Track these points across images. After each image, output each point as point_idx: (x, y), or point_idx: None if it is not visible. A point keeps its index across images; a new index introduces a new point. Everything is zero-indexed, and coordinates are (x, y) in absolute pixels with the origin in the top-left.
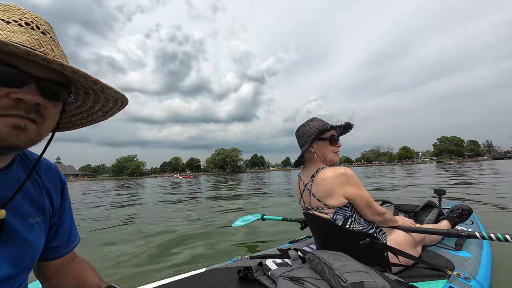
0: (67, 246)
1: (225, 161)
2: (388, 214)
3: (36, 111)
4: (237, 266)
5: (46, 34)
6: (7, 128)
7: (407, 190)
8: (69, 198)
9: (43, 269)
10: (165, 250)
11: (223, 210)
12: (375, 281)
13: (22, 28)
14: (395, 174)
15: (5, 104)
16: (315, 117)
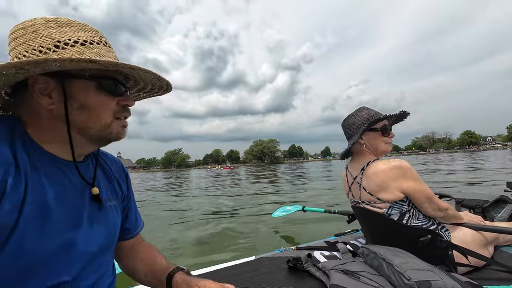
0: (136, 228)
1: (263, 152)
2: (451, 210)
3: (130, 111)
4: (285, 256)
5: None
6: (120, 127)
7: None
8: (131, 186)
9: (119, 249)
10: (211, 239)
11: (263, 200)
12: (443, 281)
13: (106, 47)
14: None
15: (118, 110)
16: (364, 106)
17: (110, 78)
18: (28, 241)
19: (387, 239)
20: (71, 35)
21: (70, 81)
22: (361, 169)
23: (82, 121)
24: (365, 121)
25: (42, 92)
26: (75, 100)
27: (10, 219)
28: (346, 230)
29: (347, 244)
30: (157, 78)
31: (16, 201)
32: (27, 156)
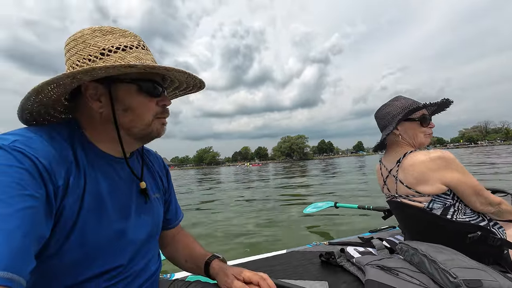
0: (176, 219)
1: (291, 148)
2: (505, 205)
3: (168, 111)
4: (317, 250)
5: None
6: (160, 126)
7: None
8: (172, 182)
9: (162, 238)
10: (243, 232)
11: (293, 196)
12: (497, 282)
13: (144, 50)
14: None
15: (158, 110)
16: (399, 95)
17: (149, 80)
18: (89, 230)
19: (428, 236)
20: (114, 42)
21: (116, 86)
22: (396, 161)
23: (128, 121)
24: (401, 110)
25: (93, 97)
26: (120, 103)
27: (74, 210)
28: (382, 226)
29: (383, 240)
30: (191, 77)
31: (78, 194)
32: (84, 154)
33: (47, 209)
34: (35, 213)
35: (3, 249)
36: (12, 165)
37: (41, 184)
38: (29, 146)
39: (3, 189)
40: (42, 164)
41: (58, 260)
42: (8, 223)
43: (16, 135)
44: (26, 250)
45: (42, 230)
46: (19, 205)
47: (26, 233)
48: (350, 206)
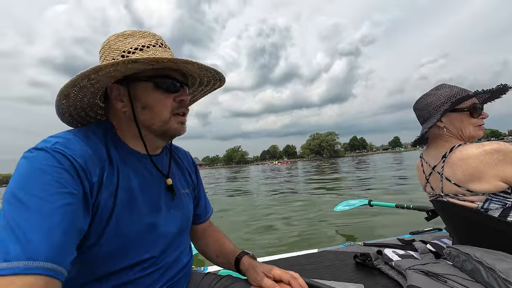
0: (206, 214)
1: (321, 146)
2: None
3: (187, 106)
4: (351, 251)
5: (170, 49)
6: (178, 124)
7: None
8: (201, 177)
9: (194, 232)
10: (271, 230)
11: (323, 193)
12: None
13: (162, 48)
14: None
15: (175, 106)
16: (443, 83)
17: (165, 77)
18: (122, 223)
19: (483, 241)
20: (133, 44)
21: (134, 85)
22: (442, 157)
23: (147, 119)
24: (446, 100)
25: (116, 98)
26: (138, 101)
27: (108, 205)
28: (425, 228)
29: (426, 243)
30: (202, 68)
31: (112, 189)
32: (117, 152)
33: (85, 205)
34: (74, 209)
35: (45, 243)
36: (53, 165)
37: (78, 181)
38: (67, 147)
39: (44, 187)
40: (79, 163)
41: (97, 251)
42: (49, 219)
43: (57, 137)
44: (66, 243)
45: (81, 224)
46: (59, 202)
47: (66, 227)
48: (387, 205)
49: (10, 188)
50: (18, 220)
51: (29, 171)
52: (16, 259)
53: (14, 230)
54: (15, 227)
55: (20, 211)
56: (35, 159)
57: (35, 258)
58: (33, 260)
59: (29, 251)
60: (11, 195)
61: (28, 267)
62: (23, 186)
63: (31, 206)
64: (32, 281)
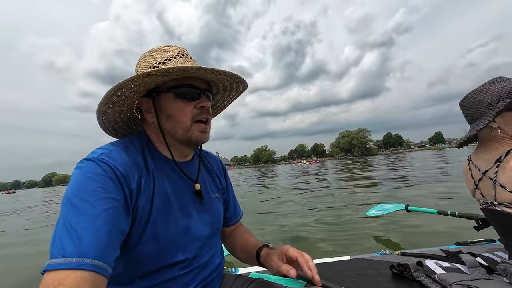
0: (235, 217)
1: (352, 143)
2: None
3: (208, 112)
4: (386, 260)
5: (192, 59)
6: (199, 132)
7: None
8: (230, 181)
9: (223, 233)
10: (300, 233)
11: (355, 196)
12: None
13: (182, 58)
14: None
15: (196, 113)
16: (500, 76)
17: (184, 86)
18: (159, 226)
19: None
20: (157, 59)
21: (158, 97)
22: (495, 161)
23: (170, 128)
24: (501, 97)
25: (146, 110)
26: (163, 112)
27: (146, 209)
28: (474, 239)
29: (476, 256)
30: (218, 73)
31: (148, 195)
32: (152, 160)
33: (126, 209)
34: (116, 212)
35: (92, 242)
36: (99, 173)
37: (120, 188)
38: (110, 157)
39: (92, 193)
40: (120, 171)
41: (139, 251)
42: (96, 221)
43: (103, 149)
44: (110, 243)
45: (123, 226)
46: (104, 206)
47: (110, 228)
48: (427, 211)
49: (67, 194)
50: (71, 221)
51: (80, 179)
52: (71, 256)
53: (69, 230)
54: (70, 228)
55: (73, 214)
56: (85, 168)
57: (85, 255)
58: (83, 257)
59: (80, 249)
60: (67, 200)
61: (80, 263)
62: (76, 192)
63: (82, 209)
64: (83, 275)
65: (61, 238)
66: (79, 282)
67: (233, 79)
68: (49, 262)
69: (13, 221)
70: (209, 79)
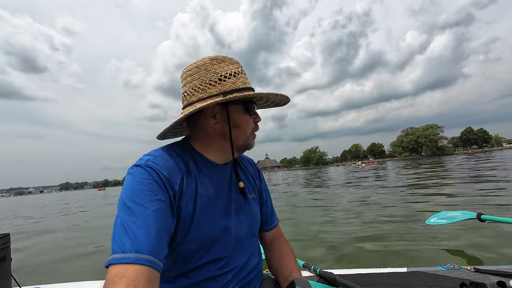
0: (272, 221)
1: (418, 142)
2: None
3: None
4: (454, 276)
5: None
6: (253, 140)
7: None
8: (265, 183)
9: (262, 238)
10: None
11: (418, 201)
12: None
13: (245, 75)
14: None
15: (253, 126)
16: None
17: (250, 101)
18: (202, 225)
19: None
20: (226, 69)
21: (230, 106)
22: None
23: (235, 135)
24: None
25: (210, 115)
26: (232, 120)
27: (190, 209)
28: None
29: None
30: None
31: (191, 196)
32: (194, 163)
33: (171, 209)
34: (164, 213)
35: (146, 239)
36: (147, 177)
37: (165, 190)
38: (156, 163)
39: (142, 196)
40: (164, 175)
41: (184, 248)
42: (148, 221)
43: (149, 155)
44: (161, 240)
45: (169, 225)
46: (153, 207)
47: (160, 227)
48: (506, 221)
49: (121, 197)
50: (127, 221)
51: (132, 183)
52: (129, 251)
53: (126, 229)
54: (126, 227)
55: (129, 215)
56: (135, 174)
57: (141, 251)
58: (140, 253)
59: (136, 246)
60: (123, 202)
61: (138, 258)
62: (129, 195)
63: (135, 211)
64: (141, 269)
65: (120, 236)
66: (138, 275)
67: (282, 99)
68: (112, 257)
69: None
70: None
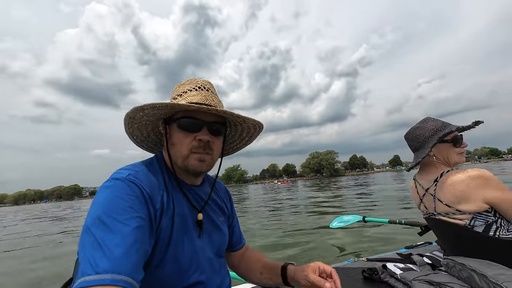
0: (241, 241)
1: (321, 164)
2: None
3: (209, 146)
4: (357, 267)
5: (208, 91)
6: (195, 161)
7: None
8: (234, 207)
9: (232, 259)
10: (274, 248)
11: (322, 211)
12: None
13: (196, 91)
14: None
15: (194, 144)
16: (428, 117)
17: (188, 117)
18: (179, 245)
19: (471, 252)
20: (179, 91)
21: (170, 124)
22: (434, 181)
23: (172, 154)
24: (433, 133)
25: (162, 134)
26: (169, 138)
27: (168, 229)
28: (418, 242)
29: (423, 256)
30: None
31: (170, 215)
32: (170, 181)
33: (150, 229)
34: (143, 232)
35: (125, 259)
36: (128, 193)
37: (146, 208)
38: (138, 178)
39: (122, 212)
40: (147, 191)
41: (160, 272)
42: (127, 239)
43: (128, 170)
44: (140, 261)
45: (147, 246)
46: (134, 225)
47: (139, 247)
48: (380, 221)
49: (95, 213)
50: (103, 239)
51: (110, 198)
52: (105, 272)
53: (102, 248)
54: (103, 246)
55: (105, 232)
56: (114, 188)
57: (119, 272)
58: (117, 274)
59: (114, 265)
60: (98, 218)
61: (114, 279)
62: (106, 211)
63: (113, 227)
64: None
65: (93, 255)
66: None
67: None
68: (83, 279)
69: None
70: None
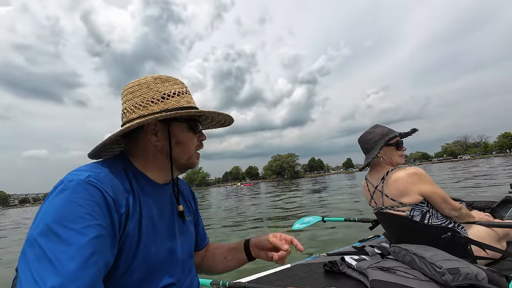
0: (204, 241)
1: (282, 167)
2: (464, 209)
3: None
4: (319, 262)
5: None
6: (197, 159)
7: (477, 185)
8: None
9: (196, 257)
10: None
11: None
12: (469, 268)
13: (190, 95)
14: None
15: (197, 144)
16: (377, 124)
17: (194, 120)
18: (148, 249)
19: (411, 239)
20: (170, 89)
21: (172, 123)
22: (381, 178)
23: (177, 153)
24: (381, 137)
25: (152, 132)
26: (174, 137)
27: (135, 233)
28: (369, 236)
29: (374, 247)
30: (223, 115)
31: (136, 219)
32: (136, 182)
33: (112, 238)
34: (103, 242)
35: (81, 273)
36: (86, 198)
37: (108, 214)
38: (99, 180)
39: (78, 220)
40: (110, 195)
41: (127, 279)
42: (84, 251)
43: (87, 171)
44: (97, 276)
45: (108, 257)
46: (92, 234)
47: (97, 260)
48: (337, 219)
49: (44, 221)
50: (54, 251)
51: (64, 204)
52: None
53: (51, 261)
54: (53, 259)
55: (56, 243)
56: (69, 192)
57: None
58: None
59: (65, 283)
60: (47, 228)
61: None
62: (58, 219)
63: (66, 238)
64: None
65: (38, 272)
66: None
67: (226, 120)
68: None
69: None
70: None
